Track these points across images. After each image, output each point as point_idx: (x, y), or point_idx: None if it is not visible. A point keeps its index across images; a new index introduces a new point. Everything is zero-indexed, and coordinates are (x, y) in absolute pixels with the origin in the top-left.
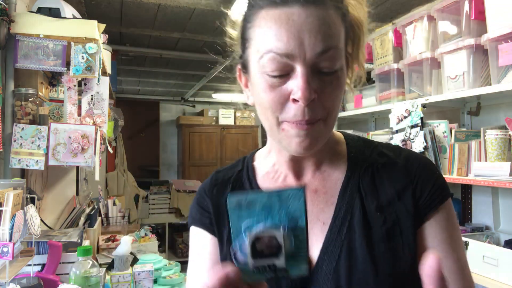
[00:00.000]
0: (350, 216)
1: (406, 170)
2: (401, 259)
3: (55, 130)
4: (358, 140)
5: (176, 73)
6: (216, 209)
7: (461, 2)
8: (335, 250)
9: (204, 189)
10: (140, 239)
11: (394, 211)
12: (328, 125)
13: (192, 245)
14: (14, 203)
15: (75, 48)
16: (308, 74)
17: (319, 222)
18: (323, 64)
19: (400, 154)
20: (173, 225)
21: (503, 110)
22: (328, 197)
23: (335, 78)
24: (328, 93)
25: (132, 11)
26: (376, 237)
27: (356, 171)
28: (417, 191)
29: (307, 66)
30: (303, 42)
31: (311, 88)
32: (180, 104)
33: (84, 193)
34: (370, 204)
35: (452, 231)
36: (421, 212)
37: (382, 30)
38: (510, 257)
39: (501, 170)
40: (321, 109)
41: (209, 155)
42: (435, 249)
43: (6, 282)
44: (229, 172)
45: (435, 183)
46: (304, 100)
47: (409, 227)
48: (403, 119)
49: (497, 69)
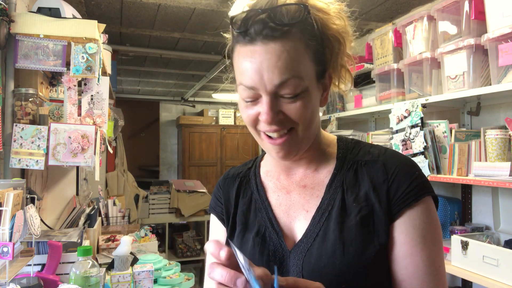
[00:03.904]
0: (331, 207)
1: (385, 168)
2: (369, 246)
3: (55, 130)
4: (349, 142)
5: (176, 73)
6: (226, 200)
7: (461, 2)
8: (313, 234)
9: (219, 181)
10: (140, 239)
11: (369, 203)
12: (303, 133)
13: (210, 229)
14: (14, 203)
15: (75, 48)
16: (270, 101)
17: (304, 210)
18: (284, 92)
19: (384, 153)
20: (173, 225)
21: (503, 110)
22: (314, 191)
23: (298, 99)
24: (293, 109)
25: (132, 11)
26: (350, 224)
27: (342, 169)
28: (392, 188)
29: (269, 95)
30: (263, 77)
31: (274, 111)
32: (180, 104)
33: (84, 193)
34: (349, 197)
35: (425, 229)
36: (394, 208)
37: (382, 30)
38: (510, 257)
39: (501, 170)
40: (289, 122)
41: (209, 155)
42: (403, 245)
43: (6, 282)
44: (241, 169)
45: (412, 182)
46: (267, 123)
47: (381, 219)
48: (403, 119)
49: (497, 69)
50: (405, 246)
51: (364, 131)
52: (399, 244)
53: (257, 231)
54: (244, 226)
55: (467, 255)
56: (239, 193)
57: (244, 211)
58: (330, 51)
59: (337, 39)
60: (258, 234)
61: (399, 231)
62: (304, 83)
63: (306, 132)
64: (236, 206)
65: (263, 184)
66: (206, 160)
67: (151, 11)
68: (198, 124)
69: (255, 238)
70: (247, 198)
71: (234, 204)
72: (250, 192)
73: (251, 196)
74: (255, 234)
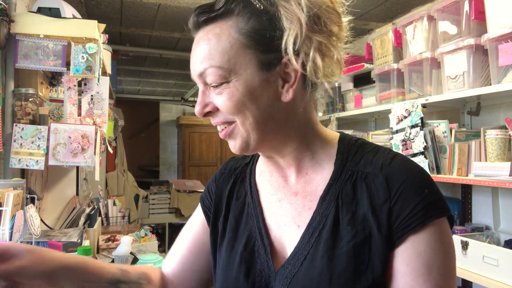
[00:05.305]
0: (322, 225)
1: (387, 184)
2: (360, 279)
3: (55, 130)
4: (352, 145)
5: (176, 73)
6: (217, 196)
7: (461, 2)
8: (301, 257)
9: (216, 174)
10: (140, 239)
11: (367, 227)
12: (244, 127)
13: (192, 216)
14: (14, 203)
15: (75, 48)
16: (201, 92)
17: (295, 224)
18: (209, 81)
19: (389, 164)
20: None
21: (503, 110)
22: (306, 202)
23: (224, 88)
24: (219, 101)
25: (132, 11)
26: (341, 250)
27: (339, 179)
28: (394, 209)
29: (200, 84)
30: (191, 66)
31: (202, 103)
32: (180, 104)
33: (84, 193)
34: (344, 216)
35: (432, 258)
36: (396, 233)
37: (382, 30)
38: (510, 257)
39: (501, 170)
40: (223, 115)
41: (209, 155)
42: (404, 276)
43: None
44: (239, 163)
45: (419, 202)
46: (197, 114)
47: (378, 248)
48: (403, 119)
49: (497, 69)
50: (405, 278)
51: (364, 131)
52: (400, 275)
53: (246, 243)
54: (234, 234)
55: (467, 255)
56: (233, 194)
57: (236, 216)
58: (293, 37)
59: (298, 21)
60: (246, 248)
61: (400, 259)
62: (225, 73)
63: (250, 126)
64: (228, 209)
65: (257, 185)
66: (206, 160)
67: (151, 11)
68: (198, 124)
69: (243, 253)
70: (241, 200)
71: (225, 206)
72: (244, 193)
73: (244, 199)
74: (243, 248)
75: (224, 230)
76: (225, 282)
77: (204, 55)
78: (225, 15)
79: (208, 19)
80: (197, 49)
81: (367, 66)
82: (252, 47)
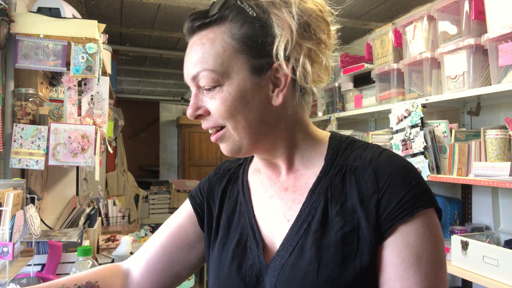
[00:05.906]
0: (311, 217)
1: (375, 176)
2: (347, 268)
3: (55, 130)
4: (342, 142)
5: (176, 73)
6: (210, 195)
7: (461, 2)
8: (289, 248)
9: (210, 175)
10: (140, 239)
11: (355, 217)
12: (236, 131)
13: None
14: (14, 203)
15: (75, 48)
16: (193, 95)
17: (285, 219)
18: (202, 84)
19: (377, 158)
20: None
21: (503, 110)
22: (296, 196)
23: (217, 93)
24: (211, 105)
25: (132, 11)
26: (329, 240)
27: (328, 173)
28: (382, 200)
29: (193, 87)
30: (186, 69)
31: (194, 106)
32: (180, 104)
33: (84, 193)
34: (333, 208)
35: (421, 248)
36: (385, 224)
37: (382, 30)
38: (510, 257)
39: (501, 170)
40: (213, 118)
41: (209, 155)
42: (394, 267)
43: (6, 282)
44: (232, 164)
45: (407, 193)
46: (189, 116)
47: (366, 237)
48: (403, 119)
49: (497, 69)
50: (395, 268)
51: (364, 131)
52: (390, 266)
53: (238, 240)
54: (226, 232)
55: (467, 255)
56: (225, 194)
57: (229, 214)
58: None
59: (289, 28)
60: (239, 245)
61: (390, 250)
62: (218, 76)
63: (242, 130)
64: (220, 208)
65: (249, 184)
66: (206, 160)
67: (151, 11)
68: (198, 124)
69: (236, 250)
70: (233, 199)
71: (218, 205)
72: (237, 192)
73: (237, 197)
74: (236, 245)
75: (217, 228)
76: (218, 278)
77: (198, 58)
78: (219, 21)
79: (203, 24)
80: (191, 53)
81: (367, 66)
82: (244, 52)
